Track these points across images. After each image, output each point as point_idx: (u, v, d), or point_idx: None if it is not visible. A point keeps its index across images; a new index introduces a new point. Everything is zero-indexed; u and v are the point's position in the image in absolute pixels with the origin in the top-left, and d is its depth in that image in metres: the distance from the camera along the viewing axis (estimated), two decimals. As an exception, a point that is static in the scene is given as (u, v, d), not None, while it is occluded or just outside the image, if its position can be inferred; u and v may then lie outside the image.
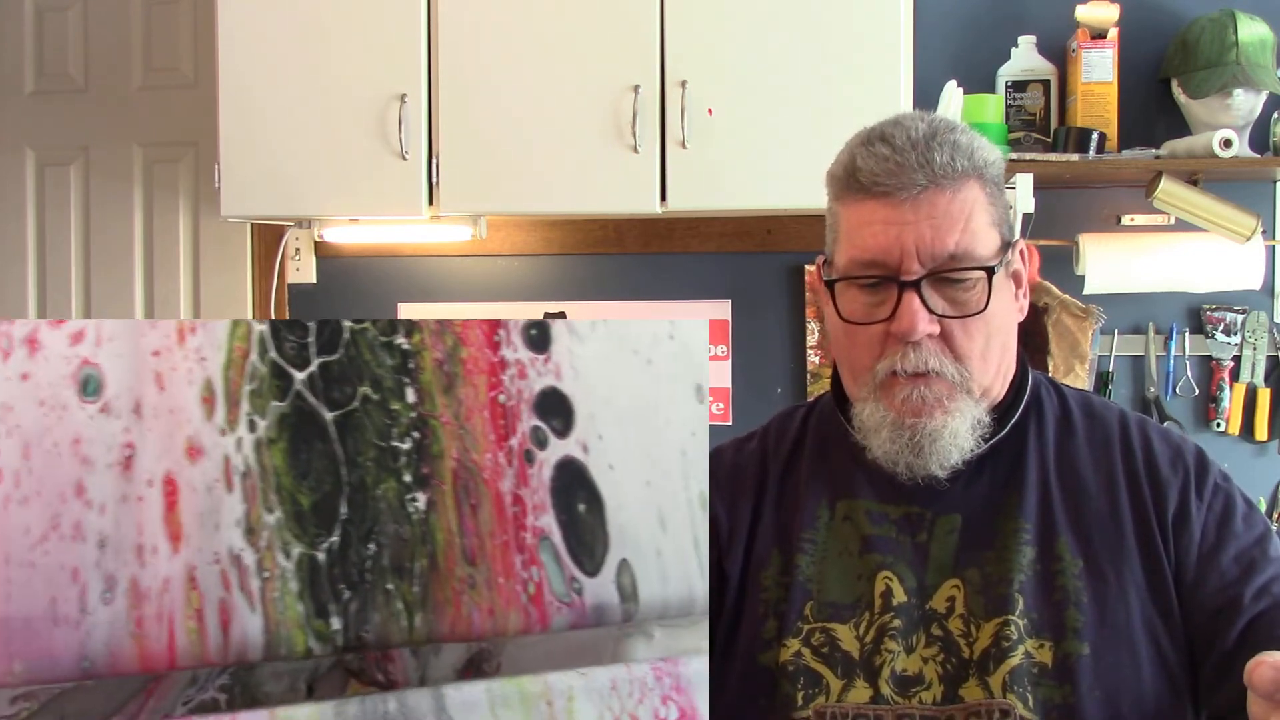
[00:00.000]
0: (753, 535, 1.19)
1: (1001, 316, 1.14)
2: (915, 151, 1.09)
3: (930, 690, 1.09)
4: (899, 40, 2.38)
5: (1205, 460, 1.16)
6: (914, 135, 1.10)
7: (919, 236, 1.08)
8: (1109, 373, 2.65)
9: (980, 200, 1.11)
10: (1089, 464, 1.16)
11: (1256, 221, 2.44)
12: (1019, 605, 1.09)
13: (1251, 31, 2.43)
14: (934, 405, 1.10)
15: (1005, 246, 1.14)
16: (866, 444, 1.15)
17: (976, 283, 1.10)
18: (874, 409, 1.13)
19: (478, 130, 2.45)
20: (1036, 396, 1.20)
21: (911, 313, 1.08)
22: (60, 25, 3.02)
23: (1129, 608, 1.09)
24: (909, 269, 1.09)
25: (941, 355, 1.10)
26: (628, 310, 2.78)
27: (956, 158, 1.10)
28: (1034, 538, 1.12)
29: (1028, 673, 1.07)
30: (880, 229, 1.10)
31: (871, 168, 1.10)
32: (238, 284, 2.94)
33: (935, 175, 1.09)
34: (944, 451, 1.11)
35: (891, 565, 1.13)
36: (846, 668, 1.11)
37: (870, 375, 1.13)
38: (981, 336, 1.11)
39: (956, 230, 1.09)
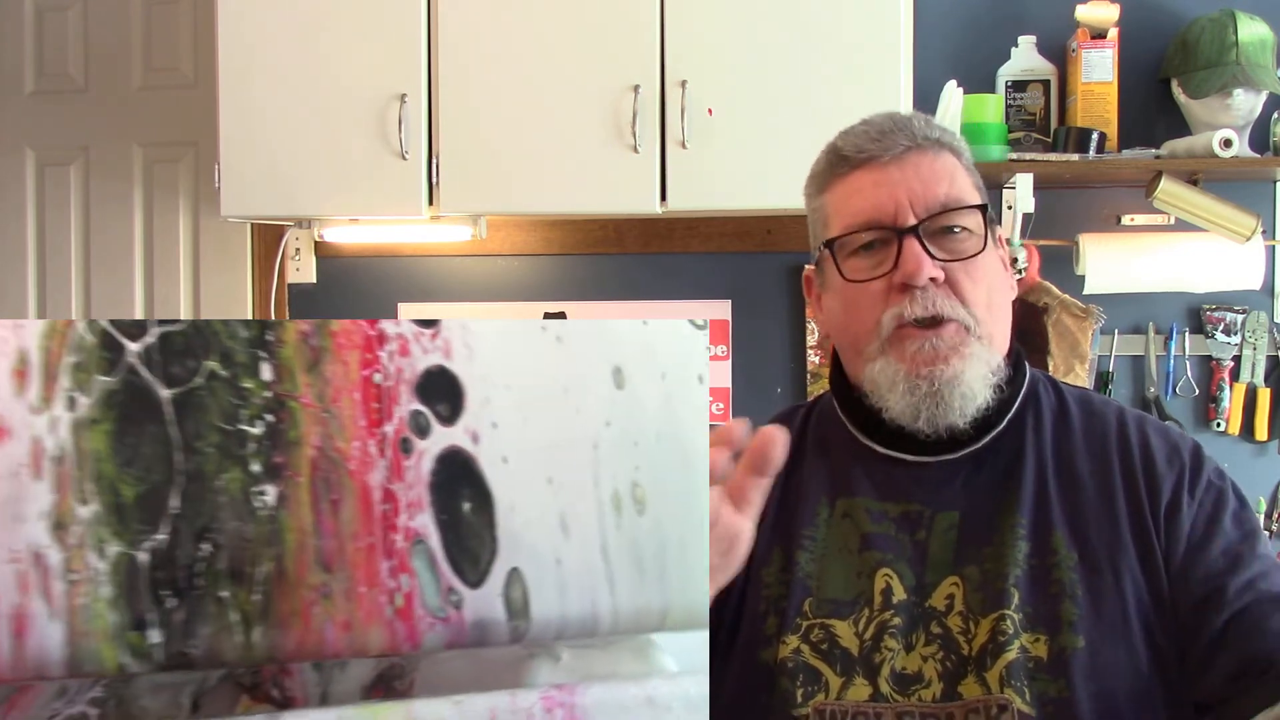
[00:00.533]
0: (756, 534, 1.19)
1: (997, 273, 1.17)
2: (892, 121, 1.16)
3: (930, 688, 1.09)
4: (899, 40, 2.38)
5: (1201, 456, 1.17)
6: (888, 113, 1.18)
7: (909, 190, 1.13)
8: (1109, 373, 2.65)
9: (959, 167, 1.17)
10: (1085, 459, 1.16)
11: (1256, 221, 2.44)
12: (1015, 599, 1.09)
13: (1251, 31, 2.43)
14: (948, 353, 1.11)
15: (991, 221, 1.17)
16: (882, 404, 1.14)
17: (971, 234, 1.14)
18: (885, 365, 1.13)
19: (478, 130, 2.45)
20: (1034, 392, 1.21)
21: (915, 255, 1.10)
22: (60, 25, 3.02)
23: (1124, 601, 1.10)
24: (905, 219, 1.12)
25: (950, 299, 1.12)
26: (628, 310, 2.78)
27: (931, 127, 1.17)
28: (1029, 532, 1.13)
29: (1024, 667, 1.07)
30: (871, 191, 1.14)
31: (854, 142, 1.16)
32: (238, 284, 2.94)
33: (915, 137, 1.15)
34: (964, 398, 1.12)
35: (891, 563, 1.14)
36: (846, 665, 1.11)
37: (877, 331, 1.13)
38: (984, 284, 1.14)
39: (944, 182, 1.14)
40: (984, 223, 1.14)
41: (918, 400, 1.12)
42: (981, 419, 1.15)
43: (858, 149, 1.15)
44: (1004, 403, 1.17)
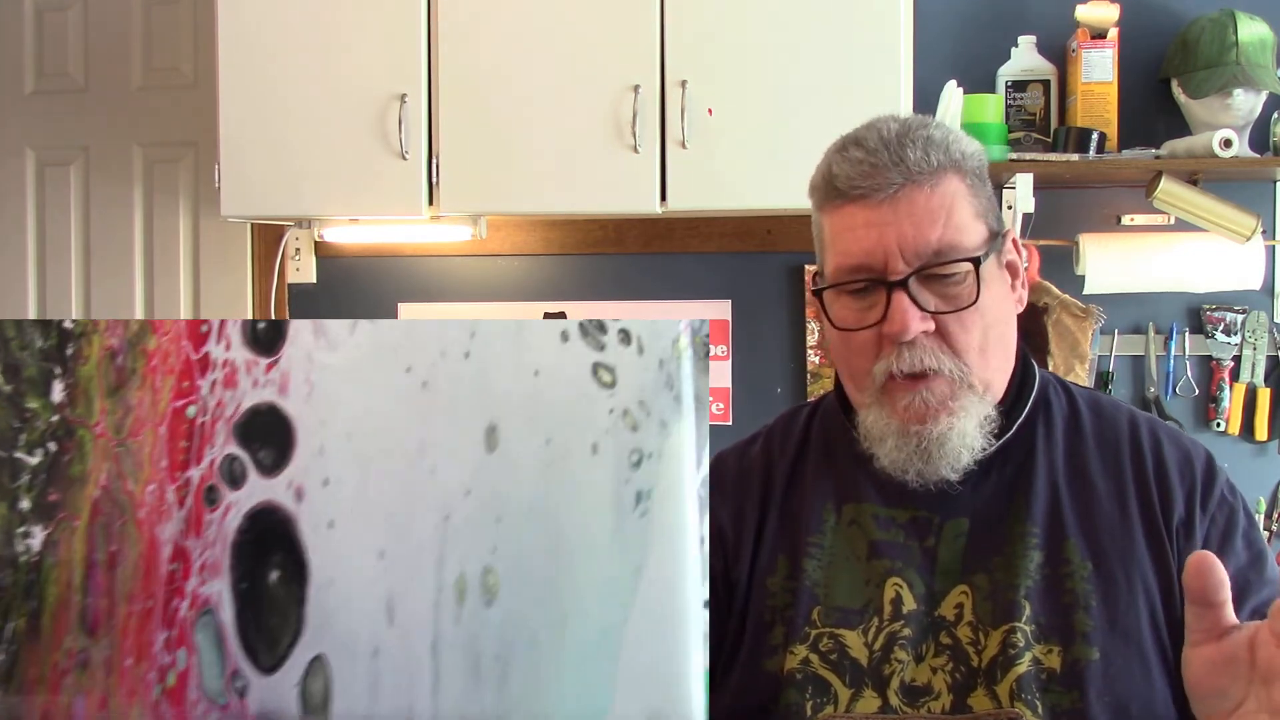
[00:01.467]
0: (759, 542, 1.17)
1: (996, 309, 1.12)
2: (888, 151, 1.09)
3: (939, 700, 1.07)
4: (899, 40, 2.38)
5: (1213, 469, 1.15)
6: (886, 135, 1.10)
7: (900, 235, 1.08)
8: (1109, 373, 2.65)
9: (961, 192, 1.11)
10: (1098, 466, 1.14)
11: (1256, 221, 2.44)
12: (1025, 611, 1.08)
13: (1251, 31, 2.43)
14: (938, 408, 1.09)
15: (994, 236, 1.13)
16: (873, 452, 1.14)
17: (965, 276, 1.09)
18: (878, 416, 1.12)
19: (478, 130, 2.45)
20: (1045, 397, 1.19)
21: (902, 312, 1.07)
22: (60, 25, 3.02)
23: (1139, 612, 1.08)
24: (895, 269, 1.08)
25: (939, 352, 1.09)
26: (628, 310, 2.78)
27: (931, 152, 1.09)
28: (1042, 541, 1.11)
29: (1035, 679, 1.06)
30: (862, 232, 1.09)
31: (847, 172, 1.10)
32: (238, 284, 2.94)
33: (910, 172, 1.09)
34: (954, 454, 1.10)
35: (900, 571, 1.12)
36: (855, 676, 1.09)
37: (870, 379, 1.12)
38: (978, 330, 1.10)
39: (938, 225, 1.08)
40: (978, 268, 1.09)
41: (907, 455, 1.10)
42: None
43: (850, 184, 1.10)
44: (1014, 408, 1.16)
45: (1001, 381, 1.15)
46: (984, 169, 1.15)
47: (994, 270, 1.12)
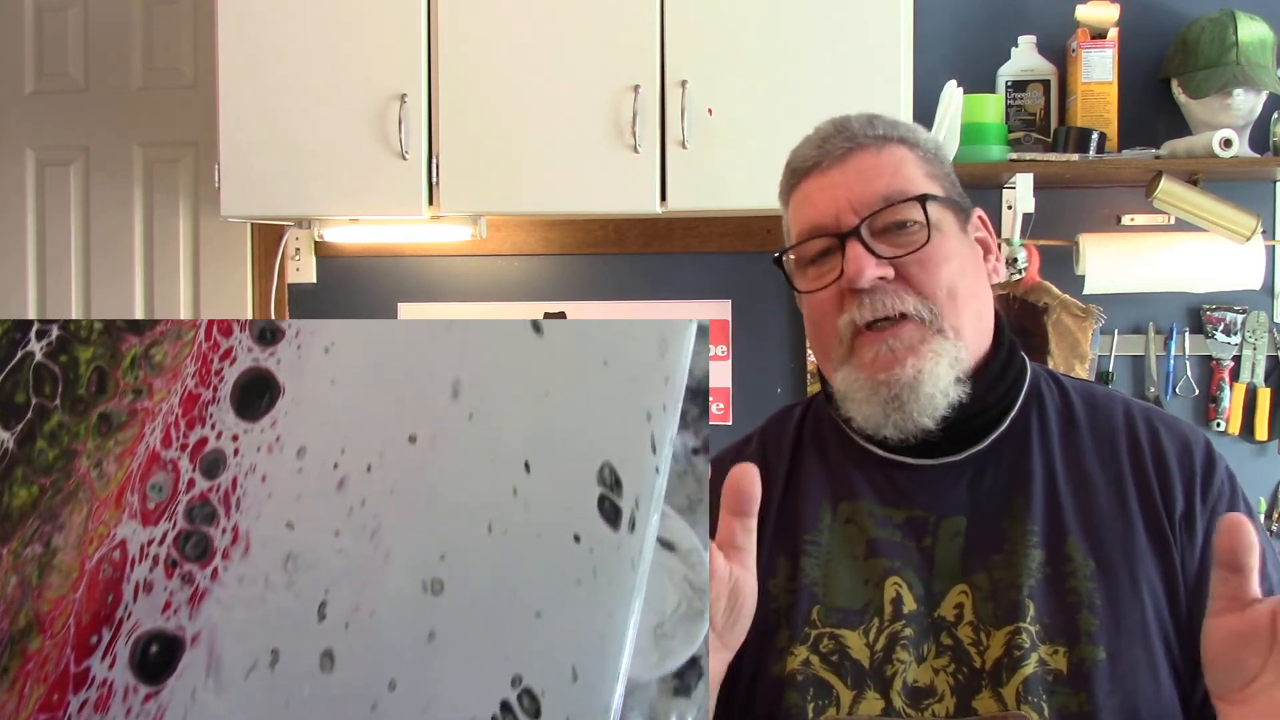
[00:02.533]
0: (759, 544, 1.16)
1: (962, 261, 1.13)
2: (833, 125, 1.16)
3: (942, 702, 1.06)
4: (899, 40, 2.38)
5: (1213, 458, 1.14)
6: (833, 119, 1.18)
7: (849, 192, 1.12)
8: (1109, 373, 2.65)
9: (908, 159, 1.14)
10: (1095, 460, 1.13)
11: (1256, 221, 2.44)
12: (1030, 611, 1.06)
13: (1251, 31, 2.43)
14: (905, 353, 1.09)
15: (957, 209, 1.15)
16: (849, 413, 1.13)
17: (919, 226, 1.11)
18: (847, 373, 1.12)
19: (478, 130, 2.45)
20: (1036, 390, 1.18)
21: (856, 257, 1.09)
22: (60, 25, 3.02)
23: (1144, 608, 1.06)
24: (846, 222, 1.11)
25: (903, 294, 1.10)
26: (628, 310, 2.78)
27: (876, 125, 1.15)
28: (1042, 540, 1.09)
29: (1042, 681, 1.04)
30: (816, 197, 1.14)
31: (801, 153, 1.17)
32: (238, 284, 2.94)
33: (855, 138, 1.14)
34: (927, 399, 1.09)
35: (899, 571, 1.10)
36: (857, 677, 1.08)
37: (838, 338, 1.12)
38: (943, 274, 1.11)
39: (885, 177, 1.12)
40: (935, 210, 1.11)
41: (880, 407, 1.10)
42: (980, 420, 1.13)
43: (803, 159, 1.16)
44: (1006, 401, 1.15)
45: (974, 334, 1.13)
46: (939, 151, 1.18)
47: (953, 226, 1.14)
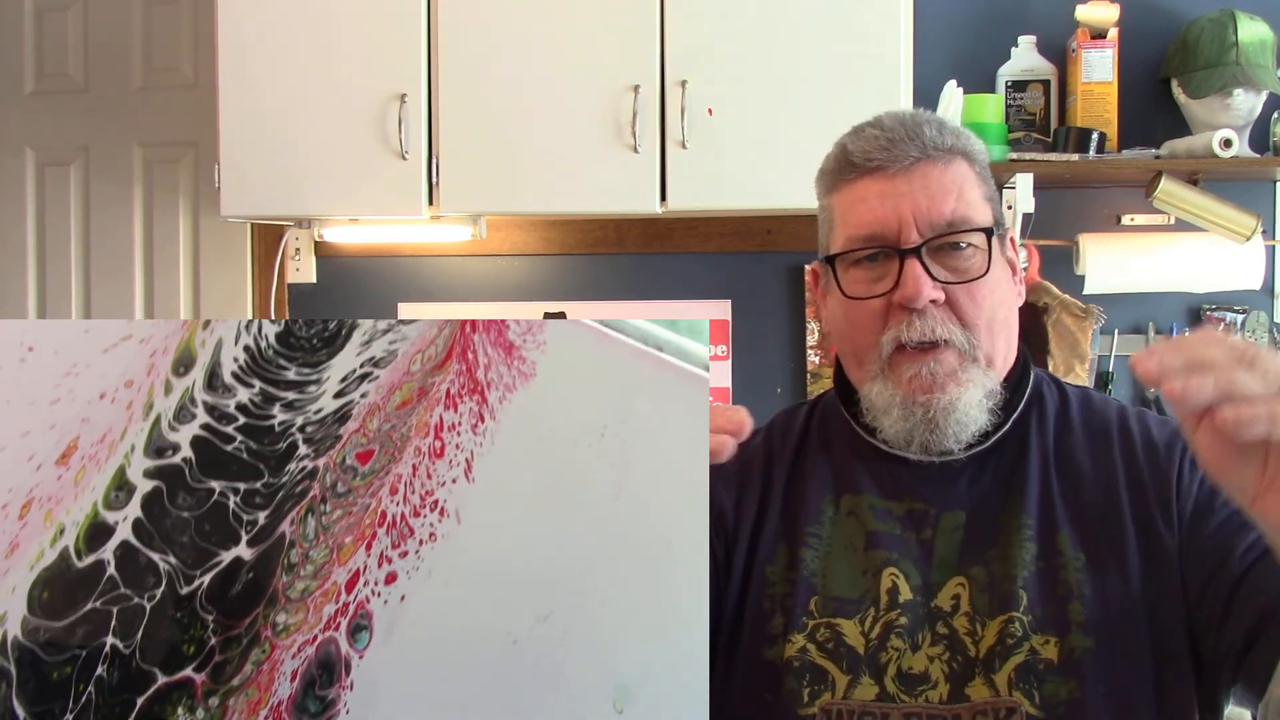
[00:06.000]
0: (758, 530, 1.18)
1: (1002, 290, 1.15)
2: (904, 128, 1.13)
3: (936, 689, 1.08)
4: (899, 40, 2.38)
5: None
6: (901, 116, 1.15)
7: (915, 205, 1.10)
8: (1109, 373, 2.65)
9: (970, 177, 1.14)
10: (1086, 455, 1.16)
11: (1256, 221, 2.44)
12: (1023, 602, 1.09)
13: (1251, 31, 2.43)
14: (945, 379, 1.10)
15: (1001, 234, 1.16)
16: (876, 424, 1.14)
17: (976, 251, 1.12)
18: (882, 388, 1.13)
19: (478, 130, 2.45)
20: (1038, 392, 1.20)
21: (915, 278, 1.09)
22: (60, 25, 3.02)
23: (1132, 599, 1.09)
24: (908, 238, 1.10)
25: (949, 323, 1.10)
26: (628, 310, 2.78)
27: (944, 134, 1.14)
28: (1035, 533, 1.12)
29: (1033, 669, 1.07)
30: (876, 203, 1.12)
31: (863, 147, 1.13)
32: (238, 284, 2.94)
33: (926, 148, 1.12)
34: (959, 425, 1.11)
35: (897, 562, 1.13)
36: (852, 664, 1.10)
37: (876, 351, 1.12)
38: (987, 305, 1.12)
39: (951, 198, 1.11)
40: (989, 240, 1.12)
41: (912, 426, 1.12)
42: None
43: (866, 156, 1.13)
44: (1009, 403, 1.16)
45: (1003, 364, 1.15)
46: (987, 170, 1.18)
47: (999, 254, 1.15)
